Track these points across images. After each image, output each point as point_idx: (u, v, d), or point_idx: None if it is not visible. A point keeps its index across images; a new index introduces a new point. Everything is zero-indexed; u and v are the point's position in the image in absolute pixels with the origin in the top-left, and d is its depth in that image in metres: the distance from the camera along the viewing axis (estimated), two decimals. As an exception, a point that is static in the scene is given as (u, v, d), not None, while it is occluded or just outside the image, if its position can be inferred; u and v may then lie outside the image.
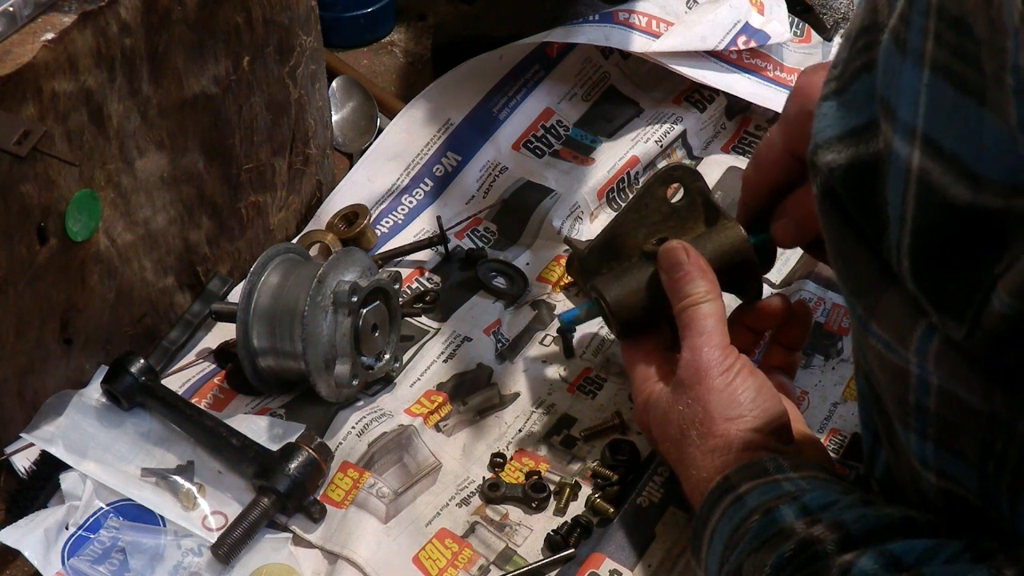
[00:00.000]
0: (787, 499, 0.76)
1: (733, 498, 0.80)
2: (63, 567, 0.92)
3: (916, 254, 0.60)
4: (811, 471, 0.81)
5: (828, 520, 0.72)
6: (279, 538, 0.97)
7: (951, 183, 0.57)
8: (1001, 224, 0.55)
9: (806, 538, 0.72)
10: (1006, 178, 0.55)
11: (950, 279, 0.59)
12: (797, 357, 1.03)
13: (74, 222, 0.94)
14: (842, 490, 0.77)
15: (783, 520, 0.74)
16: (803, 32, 1.43)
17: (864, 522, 0.71)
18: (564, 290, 1.19)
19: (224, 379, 1.09)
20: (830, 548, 0.70)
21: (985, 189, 0.56)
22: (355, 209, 1.24)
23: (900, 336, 0.63)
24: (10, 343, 0.94)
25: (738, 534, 0.77)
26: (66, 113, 0.90)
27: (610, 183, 1.28)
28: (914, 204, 0.59)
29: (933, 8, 0.56)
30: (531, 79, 1.35)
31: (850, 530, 0.71)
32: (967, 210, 0.57)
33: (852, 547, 0.69)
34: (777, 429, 0.87)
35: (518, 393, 1.09)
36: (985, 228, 0.56)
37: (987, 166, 0.55)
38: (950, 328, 0.59)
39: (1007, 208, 0.55)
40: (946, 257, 0.59)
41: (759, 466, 0.82)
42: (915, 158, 0.59)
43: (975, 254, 0.57)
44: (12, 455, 0.99)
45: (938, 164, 0.58)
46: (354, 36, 1.51)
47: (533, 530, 0.98)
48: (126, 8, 0.92)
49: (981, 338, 0.58)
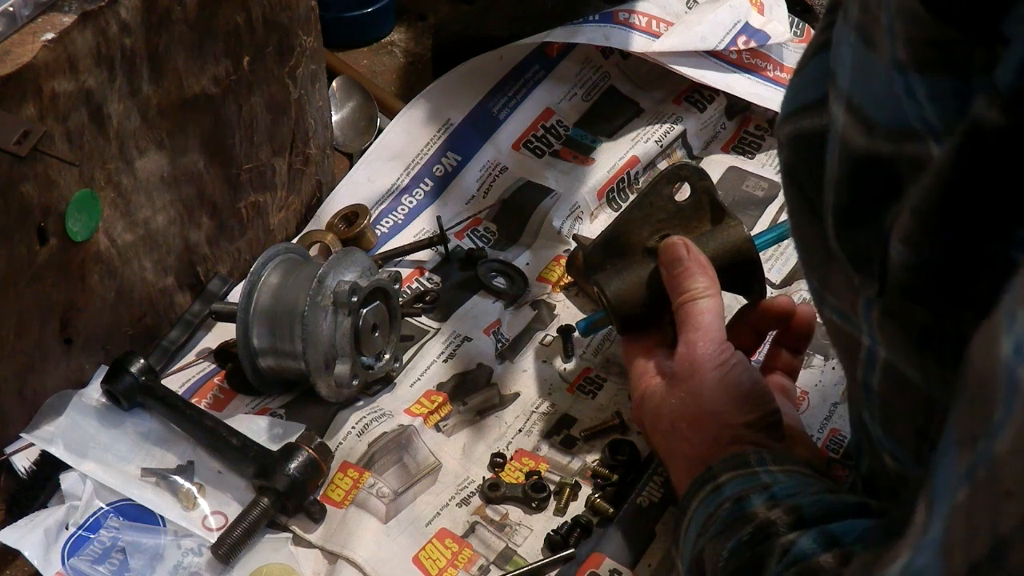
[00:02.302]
0: (759, 489, 0.77)
1: (712, 487, 0.80)
2: (63, 567, 0.92)
3: (836, 213, 0.61)
4: (793, 466, 0.81)
5: (785, 505, 0.73)
6: (279, 538, 0.97)
7: (856, 134, 0.58)
8: (896, 173, 0.55)
9: (763, 521, 0.72)
10: (891, 120, 0.55)
11: (859, 234, 0.59)
12: (800, 360, 1.02)
13: (74, 222, 0.94)
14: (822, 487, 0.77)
15: (749, 507, 0.75)
16: (803, 32, 1.43)
17: (818, 506, 0.72)
18: (564, 290, 1.19)
19: (224, 379, 1.09)
20: (782, 530, 0.71)
21: (877, 135, 0.56)
22: (355, 209, 1.24)
23: (851, 304, 0.63)
24: (10, 343, 0.94)
25: (710, 521, 0.78)
26: (66, 113, 0.90)
27: (610, 183, 1.28)
28: (837, 162, 0.60)
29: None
30: (531, 79, 1.35)
31: (803, 513, 0.71)
32: (866, 158, 0.57)
33: (800, 528, 0.70)
34: (768, 426, 0.87)
35: (518, 393, 1.09)
36: (882, 178, 0.56)
37: (878, 110, 0.56)
38: (866, 287, 0.59)
39: (898, 153, 0.55)
40: (856, 212, 0.59)
41: (742, 457, 0.82)
42: (841, 119, 0.59)
43: (876, 206, 0.57)
44: (12, 455, 0.99)
45: (851, 118, 0.58)
46: (354, 36, 1.51)
47: (533, 530, 0.98)
48: (126, 8, 0.92)
49: (895, 296, 0.58)
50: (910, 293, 0.56)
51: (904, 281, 0.56)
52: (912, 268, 0.55)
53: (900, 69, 0.53)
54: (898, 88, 0.53)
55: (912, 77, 0.52)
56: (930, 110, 0.52)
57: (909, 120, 0.53)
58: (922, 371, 0.60)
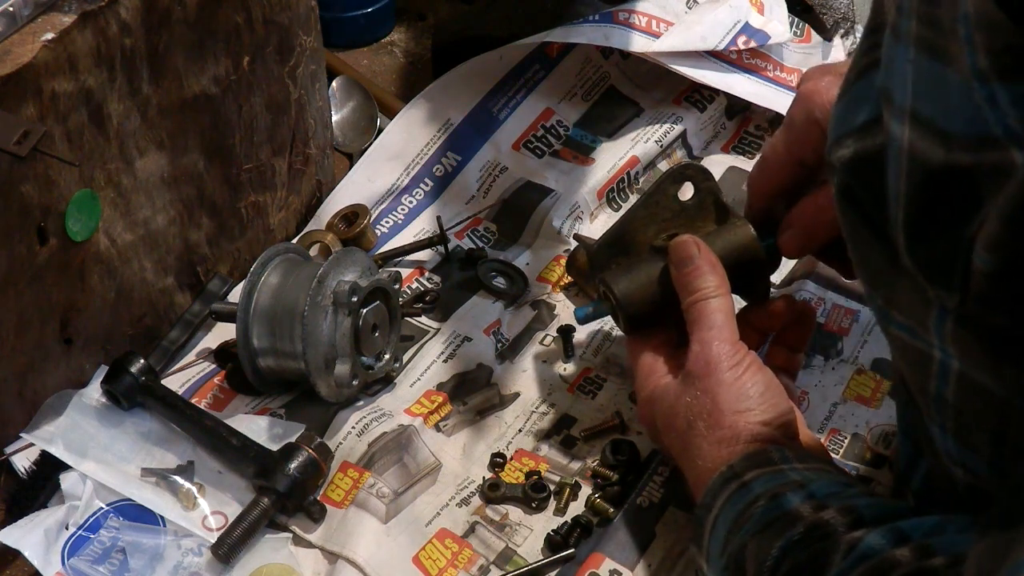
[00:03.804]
0: (794, 487, 0.77)
1: (738, 485, 0.80)
2: (63, 567, 0.92)
3: (908, 227, 0.61)
4: (816, 463, 0.82)
5: (838, 505, 0.73)
6: (279, 538, 0.97)
7: (928, 147, 0.58)
8: (975, 183, 0.56)
9: (815, 521, 0.72)
10: (970, 130, 0.55)
11: (936, 247, 0.59)
12: (800, 358, 1.03)
13: (74, 222, 0.94)
14: (846, 482, 0.78)
15: (789, 505, 0.75)
16: (803, 32, 1.43)
17: (877, 508, 0.72)
18: (564, 290, 1.19)
19: (224, 379, 1.09)
20: (840, 529, 0.71)
21: (955, 146, 0.56)
22: (355, 209, 1.24)
23: (920, 319, 0.64)
24: (10, 343, 0.94)
25: (742, 518, 0.78)
26: (66, 113, 0.90)
27: (610, 183, 1.28)
28: (905, 177, 0.60)
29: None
30: (531, 79, 1.35)
31: (862, 514, 0.71)
32: (943, 171, 0.57)
33: (862, 527, 0.70)
34: (784, 424, 0.87)
35: (518, 393, 1.09)
36: (961, 189, 0.57)
37: (953, 122, 0.56)
38: (945, 299, 0.60)
39: (977, 164, 0.55)
40: (931, 225, 0.59)
41: (764, 455, 0.82)
42: (905, 134, 0.60)
43: (955, 217, 0.57)
44: (12, 455, 0.99)
45: (919, 132, 0.58)
46: (354, 36, 1.51)
47: (533, 530, 0.98)
48: (126, 8, 0.92)
49: (975, 305, 0.58)
50: (990, 301, 0.57)
51: (985, 290, 0.57)
52: (996, 276, 0.56)
53: (981, 78, 0.54)
54: (979, 97, 0.54)
55: (995, 85, 0.53)
56: (1014, 116, 0.53)
57: (990, 128, 0.54)
58: (999, 377, 0.60)
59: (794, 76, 1.39)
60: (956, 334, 0.61)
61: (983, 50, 0.53)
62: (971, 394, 0.63)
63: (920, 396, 0.68)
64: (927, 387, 0.66)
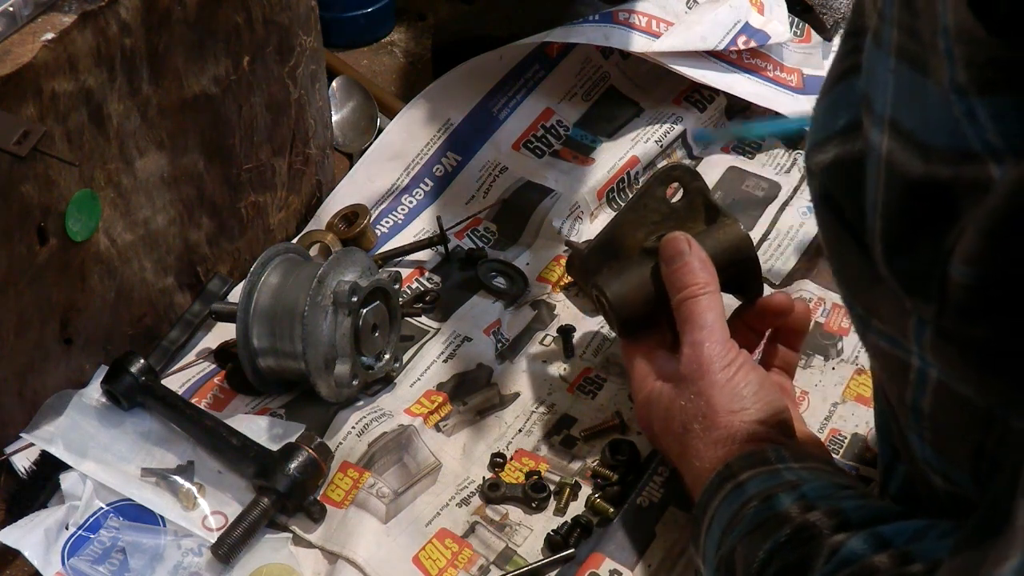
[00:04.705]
0: (787, 487, 0.77)
1: (733, 485, 0.80)
2: (63, 567, 0.92)
3: (885, 237, 0.61)
4: (813, 462, 0.81)
5: (826, 507, 0.73)
6: (279, 538, 0.97)
7: (907, 159, 0.58)
8: (953, 196, 0.56)
9: (802, 523, 0.72)
10: (949, 144, 0.55)
11: (913, 258, 0.59)
12: (796, 357, 1.03)
13: (74, 222, 0.94)
14: (842, 483, 0.78)
15: (780, 507, 0.75)
16: (803, 32, 1.43)
17: (863, 511, 0.72)
18: (564, 290, 1.19)
19: (224, 379, 1.09)
20: (825, 532, 0.71)
21: (934, 159, 0.56)
22: (355, 209, 1.24)
23: (900, 328, 0.64)
24: (10, 343, 0.94)
25: (736, 519, 0.78)
26: (66, 113, 0.90)
27: (610, 183, 1.28)
28: (883, 188, 0.60)
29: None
30: (531, 79, 1.35)
31: (849, 517, 0.71)
32: (922, 183, 0.57)
33: (846, 530, 0.70)
34: (780, 422, 0.87)
35: (518, 393, 1.09)
36: (940, 201, 0.56)
37: (933, 135, 0.56)
38: (922, 310, 0.60)
39: (956, 177, 0.55)
40: (908, 235, 0.59)
41: (760, 455, 0.82)
42: (884, 144, 0.59)
43: (933, 229, 0.57)
44: (12, 455, 0.99)
45: (899, 143, 0.58)
46: (354, 36, 1.51)
47: (533, 530, 0.98)
48: (126, 8, 0.92)
49: (953, 316, 0.58)
50: (969, 313, 0.57)
51: (963, 301, 0.57)
52: (973, 288, 0.56)
53: (960, 92, 0.53)
54: (958, 111, 0.54)
55: (974, 100, 0.53)
56: (993, 131, 0.53)
57: (969, 142, 0.54)
58: (979, 388, 0.60)
59: (794, 76, 1.39)
60: (936, 344, 0.61)
61: (962, 63, 0.53)
62: (950, 405, 0.63)
63: (898, 405, 0.68)
64: (904, 396, 0.66)
